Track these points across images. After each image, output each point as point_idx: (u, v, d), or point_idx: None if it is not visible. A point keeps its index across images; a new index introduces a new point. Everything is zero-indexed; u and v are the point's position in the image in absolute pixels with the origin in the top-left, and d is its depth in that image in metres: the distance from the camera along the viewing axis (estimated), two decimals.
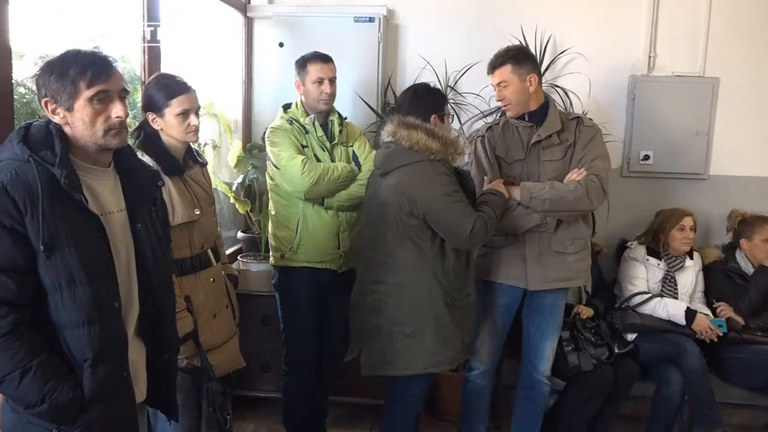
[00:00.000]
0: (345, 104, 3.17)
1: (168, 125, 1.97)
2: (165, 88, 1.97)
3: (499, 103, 2.53)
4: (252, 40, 3.40)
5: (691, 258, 2.99)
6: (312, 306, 2.57)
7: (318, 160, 2.49)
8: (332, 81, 2.52)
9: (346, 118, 2.67)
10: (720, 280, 3.00)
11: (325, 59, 2.52)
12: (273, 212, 2.57)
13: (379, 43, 3.20)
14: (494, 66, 2.40)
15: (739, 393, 2.91)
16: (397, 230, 2.12)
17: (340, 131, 2.57)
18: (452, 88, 3.24)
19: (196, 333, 1.90)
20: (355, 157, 2.60)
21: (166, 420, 1.64)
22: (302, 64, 2.53)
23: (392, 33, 3.30)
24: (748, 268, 3.00)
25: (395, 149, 2.15)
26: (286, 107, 2.59)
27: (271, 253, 2.60)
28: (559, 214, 2.36)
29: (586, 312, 2.85)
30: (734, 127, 3.20)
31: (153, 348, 1.54)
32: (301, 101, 2.55)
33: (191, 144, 2.10)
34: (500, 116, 2.59)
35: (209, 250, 2.07)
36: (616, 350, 2.75)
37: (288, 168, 2.40)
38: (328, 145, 2.54)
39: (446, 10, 3.27)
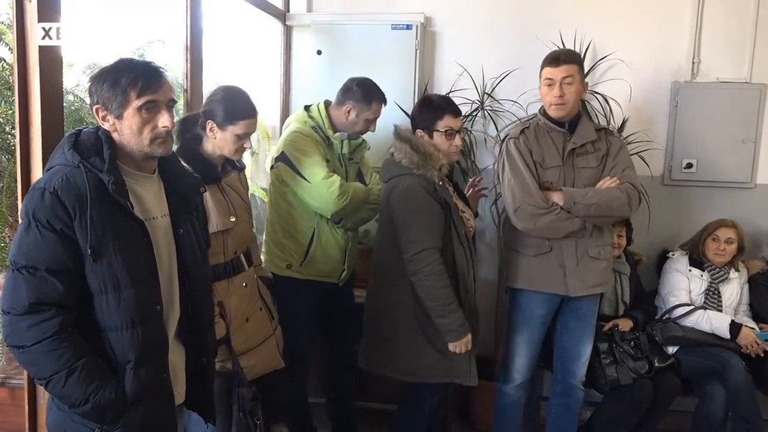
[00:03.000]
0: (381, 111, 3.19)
1: (223, 140, 1.99)
2: (237, 108, 1.98)
3: (534, 111, 2.54)
4: (290, 47, 3.45)
5: (737, 270, 2.90)
6: (312, 316, 2.57)
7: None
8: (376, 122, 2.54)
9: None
10: (762, 292, 2.90)
11: (385, 102, 2.55)
12: (278, 218, 2.49)
13: (416, 50, 3.20)
14: (563, 60, 2.34)
15: None
16: (385, 234, 2.26)
17: (355, 148, 2.57)
18: (489, 95, 3.22)
19: (228, 338, 1.92)
20: (360, 176, 2.60)
21: (198, 423, 1.66)
22: (368, 98, 2.46)
23: (429, 40, 3.30)
24: None
25: (388, 160, 2.29)
26: (307, 107, 2.54)
27: (270, 260, 2.52)
28: (599, 220, 2.38)
29: (624, 324, 2.79)
30: None
31: (192, 351, 1.57)
32: (327, 113, 2.49)
33: None
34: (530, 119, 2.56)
35: (242, 255, 2.09)
36: (657, 364, 2.68)
37: (322, 186, 2.35)
38: (346, 162, 2.53)
39: (484, 17, 3.25)
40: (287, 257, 2.49)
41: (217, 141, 2.00)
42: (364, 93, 2.46)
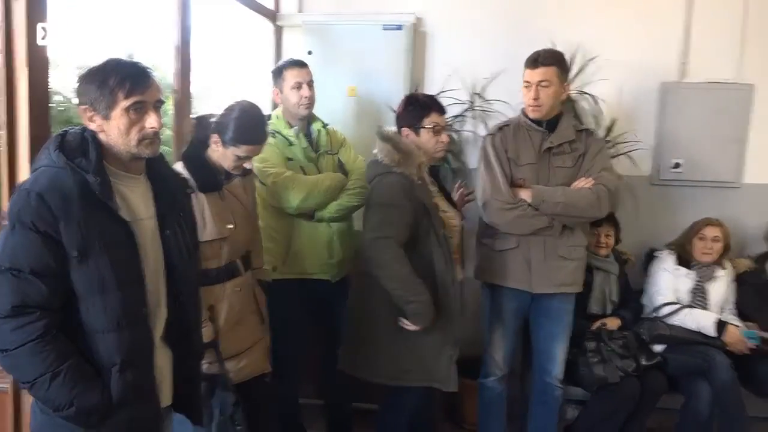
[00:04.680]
0: (372, 111, 3.20)
1: (224, 156, 1.99)
2: (246, 132, 1.97)
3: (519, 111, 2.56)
4: (281, 48, 3.44)
5: (723, 268, 2.93)
6: (304, 318, 2.55)
7: (304, 172, 2.47)
8: (310, 85, 2.52)
9: (328, 125, 2.65)
10: (747, 291, 2.92)
11: (300, 64, 2.54)
12: (262, 225, 2.48)
13: (407, 50, 3.21)
14: (540, 62, 2.37)
15: None
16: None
17: (324, 139, 2.57)
18: (479, 96, 3.23)
19: (217, 342, 1.91)
20: (342, 165, 2.58)
21: (181, 423, 1.65)
22: (278, 72, 2.54)
23: (420, 41, 3.30)
24: None
25: (372, 160, 2.27)
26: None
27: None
28: (567, 220, 2.41)
29: (612, 323, 2.81)
30: None
31: (179, 353, 1.56)
32: (282, 112, 2.55)
33: None
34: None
35: (239, 260, 2.07)
36: (644, 362, 2.70)
37: (276, 185, 2.38)
38: (313, 155, 2.52)
39: (474, 18, 3.26)
40: (271, 260, 2.49)
41: (218, 154, 2.00)
42: (273, 72, 2.57)
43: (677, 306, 2.84)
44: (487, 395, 2.61)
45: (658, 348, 2.82)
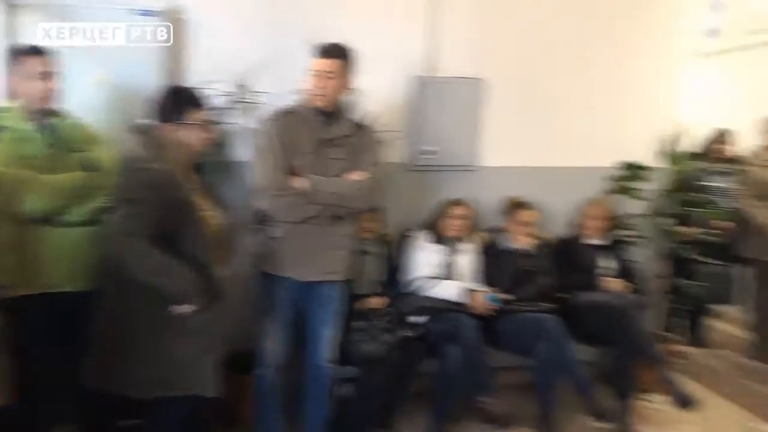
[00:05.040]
0: (126, 103, 2.94)
1: None
2: None
3: (289, 103, 2.62)
4: (15, 29, 3.03)
5: (468, 242, 3.33)
6: (52, 338, 2.35)
7: (43, 171, 2.26)
8: (54, 75, 2.33)
9: (77, 118, 2.47)
10: (486, 260, 3.37)
11: (43, 51, 2.33)
12: None
13: (164, 38, 3.04)
14: (329, 54, 2.45)
15: (509, 357, 3.28)
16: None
17: (69, 135, 2.38)
18: (244, 87, 3.20)
19: None
20: (91, 163, 2.40)
21: None
22: (15, 58, 2.31)
23: (179, 29, 3.15)
24: (511, 249, 3.41)
25: (124, 155, 2.16)
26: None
27: None
28: (339, 210, 2.53)
29: (379, 302, 3.05)
30: (499, 123, 3.60)
31: None
32: (19, 104, 2.32)
33: None
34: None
35: None
36: (406, 334, 2.98)
37: (8, 188, 2.16)
38: (55, 153, 2.32)
39: (237, 7, 3.21)
40: (6, 275, 2.20)
41: None
42: (12, 57, 2.34)
43: (431, 279, 3.17)
44: (262, 385, 2.65)
45: (421, 319, 3.12)
